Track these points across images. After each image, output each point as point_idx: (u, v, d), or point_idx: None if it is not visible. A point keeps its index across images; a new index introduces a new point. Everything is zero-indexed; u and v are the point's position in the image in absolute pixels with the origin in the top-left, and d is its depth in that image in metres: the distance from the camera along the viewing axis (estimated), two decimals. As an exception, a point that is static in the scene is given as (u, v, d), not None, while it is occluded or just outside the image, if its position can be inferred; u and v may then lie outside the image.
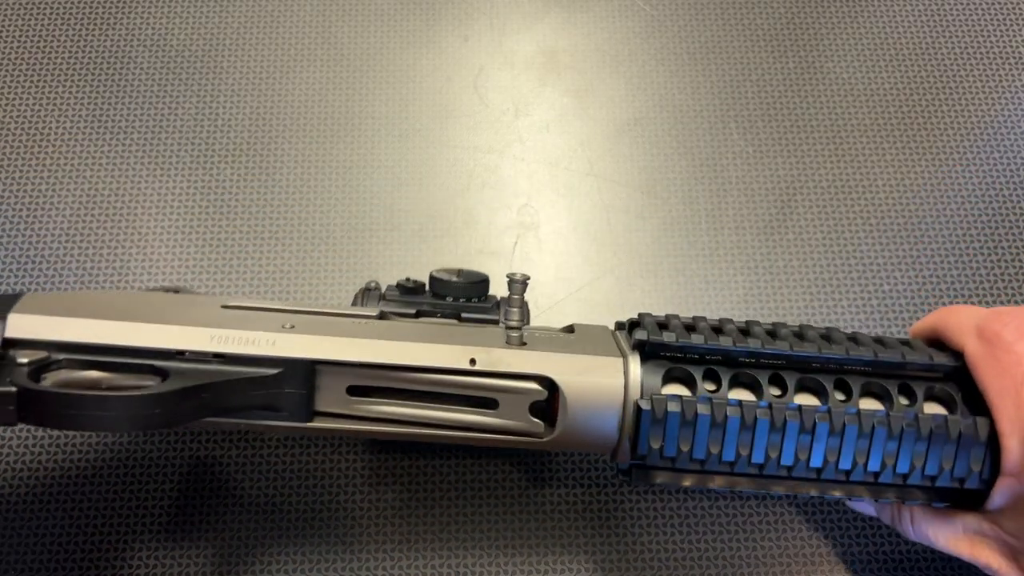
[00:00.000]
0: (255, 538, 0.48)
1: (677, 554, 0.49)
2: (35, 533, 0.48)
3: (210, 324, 0.38)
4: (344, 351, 0.38)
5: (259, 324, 0.39)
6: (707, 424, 0.38)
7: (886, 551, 0.49)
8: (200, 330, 0.38)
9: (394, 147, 0.59)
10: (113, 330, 0.38)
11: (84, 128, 0.58)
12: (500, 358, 0.39)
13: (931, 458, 0.39)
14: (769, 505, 0.50)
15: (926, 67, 0.63)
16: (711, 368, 0.39)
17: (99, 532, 0.48)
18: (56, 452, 0.50)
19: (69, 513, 0.48)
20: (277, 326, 0.39)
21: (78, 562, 0.47)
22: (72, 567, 0.47)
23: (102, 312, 0.39)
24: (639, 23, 0.64)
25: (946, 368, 0.41)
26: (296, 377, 0.38)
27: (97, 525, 0.48)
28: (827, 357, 0.40)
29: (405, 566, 0.48)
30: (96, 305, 0.40)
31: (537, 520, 0.49)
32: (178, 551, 0.48)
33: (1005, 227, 0.58)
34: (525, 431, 0.39)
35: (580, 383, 0.39)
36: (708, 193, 0.58)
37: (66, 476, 0.49)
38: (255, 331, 0.38)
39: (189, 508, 0.49)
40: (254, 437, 0.50)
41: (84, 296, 0.42)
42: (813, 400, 0.40)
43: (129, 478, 0.49)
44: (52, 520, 0.48)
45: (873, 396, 0.41)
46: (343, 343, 0.38)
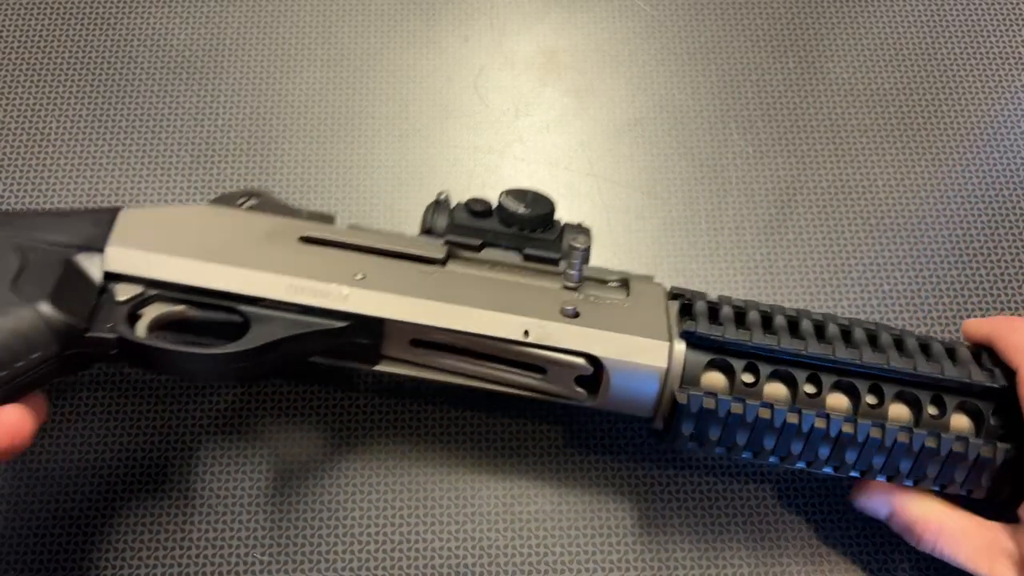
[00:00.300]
0: (255, 538, 0.48)
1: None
2: (34, 533, 0.48)
3: (288, 269, 0.42)
4: (410, 312, 0.42)
5: (333, 270, 0.42)
6: (737, 421, 0.41)
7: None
8: (280, 278, 0.42)
9: (394, 147, 0.59)
10: (201, 273, 0.42)
11: (84, 128, 0.58)
12: (552, 333, 0.42)
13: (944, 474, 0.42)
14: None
15: (926, 67, 0.63)
16: (752, 362, 0.42)
17: (97, 532, 0.48)
18: (55, 452, 0.50)
19: (69, 512, 0.48)
20: (350, 276, 0.42)
21: (78, 561, 0.47)
22: (72, 566, 0.47)
23: (193, 243, 0.43)
24: (639, 23, 0.64)
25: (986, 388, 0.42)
26: (365, 329, 0.42)
27: (96, 525, 0.48)
28: (867, 365, 0.42)
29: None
30: (187, 232, 0.43)
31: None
32: (178, 551, 0.48)
33: (1005, 227, 0.58)
34: (568, 396, 0.44)
35: (624, 365, 0.42)
36: (708, 193, 0.58)
37: (66, 477, 0.49)
38: (329, 282, 0.42)
39: (188, 507, 0.49)
40: (254, 437, 0.50)
41: (176, 215, 0.44)
42: (845, 401, 0.42)
43: (129, 478, 0.49)
44: (51, 521, 0.48)
45: (904, 402, 0.43)
46: (409, 304, 0.42)
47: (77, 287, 0.42)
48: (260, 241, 0.44)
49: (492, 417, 0.52)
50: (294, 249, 0.44)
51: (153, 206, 0.46)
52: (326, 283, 0.42)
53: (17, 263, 0.42)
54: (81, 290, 0.42)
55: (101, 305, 0.42)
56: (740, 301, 0.45)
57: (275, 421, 0.51)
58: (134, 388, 0.51)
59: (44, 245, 0.43)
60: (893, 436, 0.41)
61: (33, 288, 0.41)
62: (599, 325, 0.42)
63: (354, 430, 0.51)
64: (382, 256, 0.44)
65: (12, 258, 0.42)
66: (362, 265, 0.43)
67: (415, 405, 0.52)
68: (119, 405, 0.51)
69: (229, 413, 0.51)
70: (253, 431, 0.51)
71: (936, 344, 0.44)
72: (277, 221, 0.45)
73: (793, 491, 0.50)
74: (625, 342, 0.42)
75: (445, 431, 0.51)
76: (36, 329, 0.40)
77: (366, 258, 0.44)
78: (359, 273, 0.43)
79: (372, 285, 0.42)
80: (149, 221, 0.44)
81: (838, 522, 0.50)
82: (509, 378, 0.44)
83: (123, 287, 0.42)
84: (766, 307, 0.44)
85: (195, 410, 0.51)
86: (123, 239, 0.43)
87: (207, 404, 0.51)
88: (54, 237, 0.43)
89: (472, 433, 0.51)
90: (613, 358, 0.42)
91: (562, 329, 0.42)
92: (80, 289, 0.42)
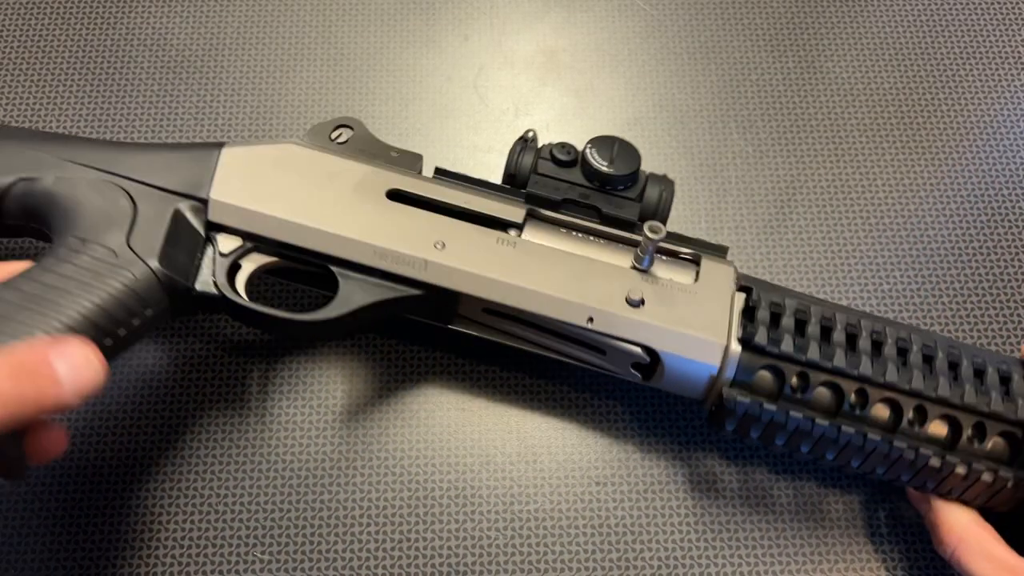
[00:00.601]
0: (255, 537, 0.48)
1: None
2: (34, 533, 0.48)
3: (373, 233, 0.44)
4: (483, 289, 0.44)
5: (415, 236, 0.45)
6: (778, 427, 0.44)
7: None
8: (366, 243, 0.44)
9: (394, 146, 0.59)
10: (297, 232, 0.44)
11: (85, 128, 0.58)
12: (614, 323, 0.44)
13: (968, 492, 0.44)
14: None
15: (926, 67, 0.63)
16: (804, 371, 0.44)
17: (97, 531, 0.48)
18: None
19: (68, 511, 0.48)
20: (430, 244, 0.45)
21: (78, 560, 0.47)
22: (71, 565, 0.47)
23: (289, 195, 0.45)
24: (639, 23, 0.64)
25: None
26: (442, 296, 0.45)
27: (96, 523, 0.48)
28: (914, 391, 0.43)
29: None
30: (284, 182, 0.45)
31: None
32: (178, 549, 0.48)
33: (1004, 227, 0.58)
34: (623, 375, 0.47)
35: (680, 360, 0.44)
36: (708, 193, 0.58)
37: (64, 475, 0.49)
38: (411, 251, 0.44)
39: (189, 505, 0.49)
40: (254, 437, 0.50)
41: (274, 157, 0.46)
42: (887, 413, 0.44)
43: (128, 477, 0.49)
44: (51, 520, 0.48)
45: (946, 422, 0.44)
46: (483, 281, 0.44)
47: (184, 238, 0.44)
48: (350, 195, 0.46)
49: (491, 418, 0.52)
50: (381, 207, 0.46)
51: (251, 145, 0.47)
52: (409, 251, 0.44)
53: (130, 212, 0.43)
54: (187, 241, 0.44)
55: (205, 255, 0.45)
56: (804, 304, 0.45)
57: (275, 421, 0.51)
58: (128, 386, 0.51)
59: (152, 190, 0.44)
60: (926, 460, 0.43)
61: (146, 242, 0.43)
62: (660, 318, 0.44)
63: (354, 429, 0.51)
64: (463, 219, 0.46)
65: (125, 205, 0.44)
66: (443, 231, 0.45)
67: (415, 405, 0.52)
68: (114, 402, 0.51)
69: (229, 412, 0.51)
70: (253, 430, 0.51)
71: (992, 371, 0.44)
72: (367, 171, 0.46)
73: (803, 490, 0.50)
74: (683, 339, 0.44)
75: (445, 431, 0.51)
76: (150, 287, 0.42)
77: (447, 222, 0.46)
78: (439, 241, 0.45)
79: (450, 257, 0.45)
80: (248, 166, 0.46)
81: (842, 517, 0.50)
82: (572, 352, 0.47)
83: (224, 238, 0.45)
84: (829, 313, 0.45)
85: (195, 409, 0.51)
86: (225, 188, 0.45)
87: (207, 404, 0.51)
88: (160, 180, 0.45)
89: (472, 433, 0.51)
90: (670, 353, 0.44)
91: (624, 320, 0.44)
92: (186, 240, 0.44)
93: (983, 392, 0.44)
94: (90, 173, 0.44)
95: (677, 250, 0.47)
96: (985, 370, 0.44)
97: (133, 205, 0.44)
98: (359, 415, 0.51)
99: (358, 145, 0.48)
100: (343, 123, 0.49)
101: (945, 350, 0.44)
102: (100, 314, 0.40)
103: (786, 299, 0.45)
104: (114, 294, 0.41)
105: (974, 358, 0.44)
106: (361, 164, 0.47)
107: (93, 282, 0.40)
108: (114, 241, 0.42)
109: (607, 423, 0.51)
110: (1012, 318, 0.55)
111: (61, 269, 0.40)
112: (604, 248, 0.47)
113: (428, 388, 0.52)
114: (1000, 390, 0.44)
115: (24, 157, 0.44)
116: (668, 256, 0.47)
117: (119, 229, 0.43)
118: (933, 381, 0.43)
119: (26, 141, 0.45)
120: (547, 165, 0.48)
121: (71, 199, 0.43)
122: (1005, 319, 0.55)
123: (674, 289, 0.45)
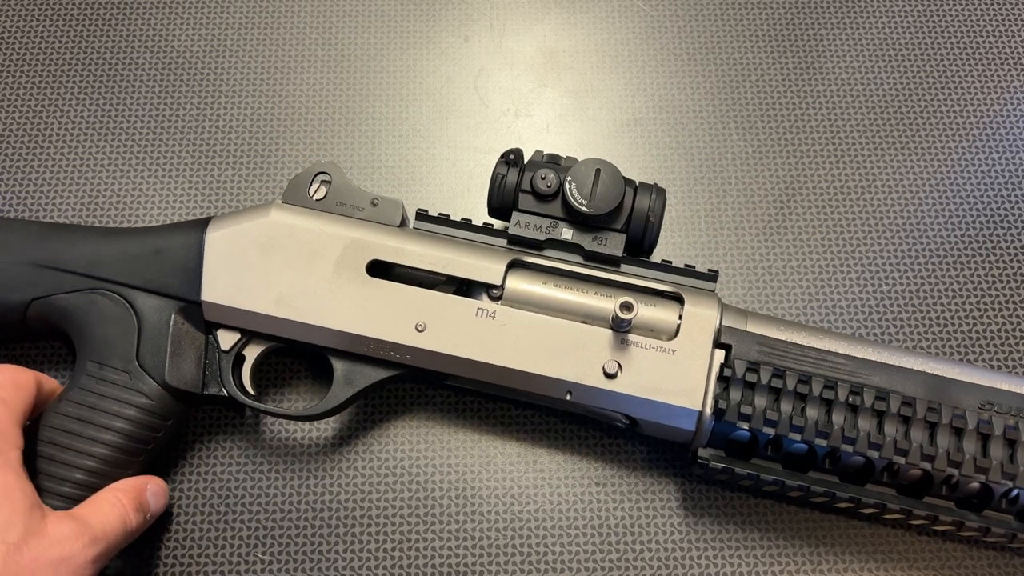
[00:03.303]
0: (256, 537, 0.49)
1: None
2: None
3: (357, 321, 0.46)
4: (466, 369, 0.46)
5: (396, 320, 0.46)
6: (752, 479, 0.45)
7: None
8: (350, 333, 0.46)
9: (394, 147, 0.59)
10: (286, 327, 0.47)
11: (86, 129, 0.59)
12: (592, 395, 0.45)
13: None
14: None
15: (926, 67, 0.63)
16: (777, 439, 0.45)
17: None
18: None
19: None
20: (411, 327, 0.46)
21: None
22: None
23: (275, 282, 0.47)
24: (639, 23, 0.64)
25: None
26: (428, 373, 0.47)
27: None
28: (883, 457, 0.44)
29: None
30: (268, 266, 0.47)
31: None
32: (180, 549, 0.48)
33: (1004, 227, 0.58)
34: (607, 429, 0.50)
35: (657, 424, 0.46)
36: (707, 193, 0.58)
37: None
38: (393, 338, 0.46)
39: (190, 506, 0.49)
40: (255, 437, 0.51)
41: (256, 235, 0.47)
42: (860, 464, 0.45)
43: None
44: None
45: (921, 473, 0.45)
46: (465, 363, 0.46)
47: (187, 343, 0.47)
48: (333, 277, 0.47)
49: (491, 419, 0.52)
50: (362, 287, 0.47)
51: (232, 223, 0.48)
52: (391, 338, 0.46)
53: (135, 326, 0.47)
54: (190, 346, 0.47)
55: (209, 354, 0.48)
56: (780, 367, 0.45)
57: (275, 421, 0.51)
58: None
59: (149, 295, 0.47)
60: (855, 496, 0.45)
61: (154, 358, 0.46)
62: (636, 387, 0.45)
63: (354, 431, 0.51)
64: (443, 293, 0.47)
65: (130, 319, 0.47)
66: (423, 309, 0.46)
67: (415, 407, 0.52)
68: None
69: (230, 414, 0.51)
70: (253, 431, 0.51)
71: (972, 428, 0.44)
72: (347, 242, 0.47)
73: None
74: (659, 407, 0.45)
75: (445, 432, 0.51)
76: (165, 403, 0.46)
77: (427, 298, 0.46)
78: (420, 323, 0.46)
79: (431, 340, 0.46)
80: (232, 254, 0.47)
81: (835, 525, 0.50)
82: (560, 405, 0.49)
83: (223, 333, 0.48)
84: (806, 375, 0.45)
85: (196, 410, 0.51)
86: (214, 286, 0.47)
87: (208, 405, 0.51)
88: (155, 284, 0.47)
89: (472, 433, 0.51)
90: (647, 419, 0.46)
91: (601, 392, 0.45)
92: (189, 345, 0.47)
93: (958, 450, 0.44)
94: (92, 283, 0.47)
95: (661, 289, 0.47)
96: (964, 429, 0.44)
97: (136, 316, 0.47)
98: (359, 415, 0.52)
99: (337, 198, 0.48)
100: (320, 172, 0.49)
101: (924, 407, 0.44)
102: (129, 441, 0.45)
103: (761, 367, 0.45)
104: (135, 418, 0.45)
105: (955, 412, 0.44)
106: (341, 230, 0.47)
107: (116, 411, 0.45)
108: (126, 363, 0.46)
109: (607, 424, 0.51)
110: (1011, 319, 0.55)
111: (87, 400, 0.45)
112: (586, 295, 0.47)
113: (428, 391, 0.52)
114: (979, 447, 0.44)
115: (30, 274, 0.47)
116: (651, 295, 0.47)
117: (128, 348, 0.46)
118: (906, 443, 0.44)
119: (26, 251, 0.47)
120: (528, 200, 0.47)
121: (82, 319, 0.47)
122: (1004, 320, 0.55)
123: (651, 350, 0.45)
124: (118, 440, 0.45)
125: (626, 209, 0.47)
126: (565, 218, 0.47)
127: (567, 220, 0.47)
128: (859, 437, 0.44)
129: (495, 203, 0.48)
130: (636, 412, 0.46)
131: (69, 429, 0.44)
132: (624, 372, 0.45)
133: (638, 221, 0.47)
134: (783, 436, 0.44)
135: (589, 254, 0.47)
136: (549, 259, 0.47)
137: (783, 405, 0.44)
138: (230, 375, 0.47)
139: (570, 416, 0.52)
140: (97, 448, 0.44)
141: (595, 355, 0.45)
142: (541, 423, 0.52)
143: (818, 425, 0.44)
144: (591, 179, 0.46)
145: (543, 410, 0.52)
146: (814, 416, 0.44)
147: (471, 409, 0.52)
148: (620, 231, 0.47)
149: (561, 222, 0.47)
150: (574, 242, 0.47)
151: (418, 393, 0.52)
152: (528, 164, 0.48)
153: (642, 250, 0.48)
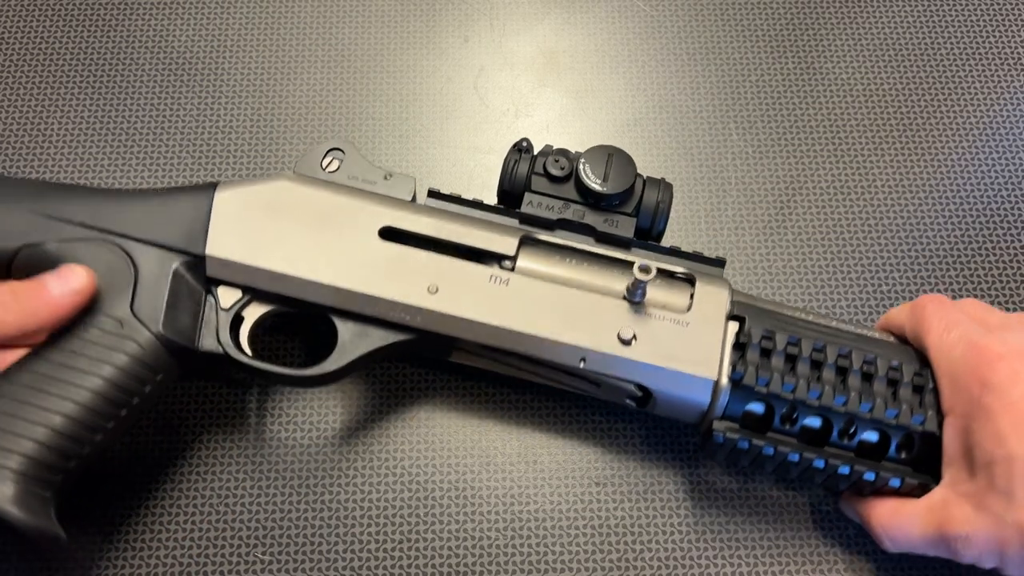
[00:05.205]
0: (256, 537, 0.49)
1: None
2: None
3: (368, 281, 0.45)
4: (477, 334, 0.45)
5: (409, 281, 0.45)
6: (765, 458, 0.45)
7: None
8: (361, 294, 0.45)
9: (394, 148, 0.59)
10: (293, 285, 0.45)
11: (87, 129, 0.59)
12: (606, 362, 0.45)
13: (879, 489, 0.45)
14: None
15: (926, 67, 0.63)
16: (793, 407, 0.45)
17: (98, 531, 0.48)
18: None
19: (67, 511, 0.48)
20: (423, 289, 0.45)
21: (78, 560, 0.47)
22: (72, 564, 0.47)
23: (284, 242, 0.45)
24: (639, 23, 0.64)
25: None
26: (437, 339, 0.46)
27: (97, 523, 0.48)
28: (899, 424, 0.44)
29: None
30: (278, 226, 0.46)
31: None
32: (179, 549, 0.48)
33: (1004, 227, 0.58)
34: (619, 404, 0.49)
35: (671, 395, 0.45)
36: (708, 193, 0.58)
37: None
38: (404, 299, 0.45)
39: (189, 506, 0.49)
40: (254, 437, 0.51)
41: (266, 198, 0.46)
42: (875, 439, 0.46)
43: (129, 476, 0.49)
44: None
45: None
46: (477, 326, 0.45)
47: (185, 297, 0.45)
48: (344, 239, 0.46)
49: (491, 419, 0.52)
50: (374, 249, 0.46)
51: (243, 185, 0.47)
52: (402, 299, 0.45)
53: (132, 275, 0.44)
54: (188, 299, 0.45)
55: (206, 310, 0.46)
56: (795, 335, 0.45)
57: (275, 420, 0.51)
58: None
59: (150, 247, 0.45)
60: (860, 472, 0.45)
61: (150, 307, 0.44)
62: (651, 355, 0.45)
63: (354, 430, 0.51)
64: (457, 257, 0.46)
65: (126, 268, 0.44)
66: (436, 272, 0.46)
67: (414, 406, 0.52)
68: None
69: (229, 412, 0.51)
70: (253, 430, 0.51)
71: None
72: (358, 208, 0.47)
73: (803, 490, 0.50)
74: (674, 376, 0.45)
75: (445, 431, 0.51)
76: (158, 354, 0.43)
77: (440, 261, 0.46)
78: (432, 285, 0.45)
79: (443, 302, 0.45)
80: (241, 212, 0.46)
81: (836, 522, 0.50)
82: (568, 382, 0.48)
83: (224, 291, 0.46)
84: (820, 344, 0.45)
85: (196, 409, 0.51)
86: (220, 242, 0.45)
87: (207, 404, 0.51)
88: (157, 236, 0.45)
89: (472, 433, 0.51)
90: (662, 390, 0.45)
91: (616, 359, 0.45)
92: (187, 298, 0.45)
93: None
94: (90, 233, 0.45)
95: (672, 270, 0.47)
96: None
97: (134, 267, 0.45)
98: (359, 415, 0.52)
99: (349, 172, 0.48)
100: (334, 148, 0.49)
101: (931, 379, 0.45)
102: (112, 388, 0.42)
103: (777, 333, 0.45)
104: (123, 366, 0.42)
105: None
106: (353, 199, 0.47)
107: (103, 357, 0.42)
108: (119, 310, 0.43)
109: (607, 424, 0.51)
110: (1011, 318, 0.55)
111: (71, 345, 0.42)
112: (598, 273, 0.47)
113: (428, 389, 0.52)
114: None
115: (25, 221, 0.45)
116: (663, 275, 0.47)
117: (123, 296, 0.44)
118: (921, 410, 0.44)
119: (23, 200, 0.46)
120: (541, 182, 0.48)
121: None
122: (1004, 319, 0.55)
123: (666, 321, 0.45)
124: (99, 389, 0.41)
125: (636, 194, 0.48)
126: (578, 200, 0.48)
127: (579, 202, 0.48)
128: (875, 404, 0.44)
129: (506, 186, 0.48)
130: (650, 382, 0.45)
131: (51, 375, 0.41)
132: (639, 340, 0.45)
133: (648, 208, 0.47)
134: (800, 402, 0.44)
135: (601, 235, 0.48)
136: (561, 238, 0.48)
137: (800, 368, 0.44)
138: (228, 334, 0.45)
139: (574, 402, 0.52)
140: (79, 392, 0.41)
141: (610, 322, 0.45)
142: (542, 423, 0.52)
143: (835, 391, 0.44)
144: (604, 161, 0.47)
145: (546, 398, 0.52)
146: (831, 380, 0.44)
147: (471, 409, 0.52)
148: (631, 215, 0.47)
149: (573, 204, 0.48)
150: (586, 223, 0.47)
151: (418, 393, 0.52)
152: (540, 152, 0.49)
153: (651, 238, 0.49)
